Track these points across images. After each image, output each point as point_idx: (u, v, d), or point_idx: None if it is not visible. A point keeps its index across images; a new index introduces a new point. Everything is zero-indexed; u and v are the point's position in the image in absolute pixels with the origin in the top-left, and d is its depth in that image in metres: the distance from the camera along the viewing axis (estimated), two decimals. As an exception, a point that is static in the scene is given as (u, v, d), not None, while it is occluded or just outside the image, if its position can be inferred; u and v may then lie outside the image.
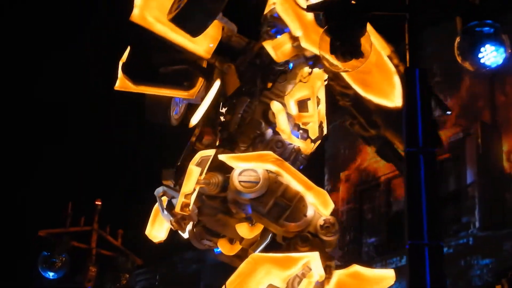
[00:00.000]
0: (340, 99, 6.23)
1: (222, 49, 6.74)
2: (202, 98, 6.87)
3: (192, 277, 26.40)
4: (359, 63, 5.05)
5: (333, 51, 4.96)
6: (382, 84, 5.83)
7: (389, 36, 5.88)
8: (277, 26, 6.44)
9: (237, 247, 6.62)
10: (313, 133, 6.66)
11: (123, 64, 6.75)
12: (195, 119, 6.60)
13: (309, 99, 6.66)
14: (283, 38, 6.23)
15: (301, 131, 6.56)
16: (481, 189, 17.86)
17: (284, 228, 6.02)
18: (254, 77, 6.58)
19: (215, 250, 6.75)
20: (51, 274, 14.55)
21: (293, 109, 6.61)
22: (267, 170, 6.02)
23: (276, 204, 6.00)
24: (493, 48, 4.81)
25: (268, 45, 6.36)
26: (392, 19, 5.11)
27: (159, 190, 6.36)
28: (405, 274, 3.91)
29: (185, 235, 6.58)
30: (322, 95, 6.74)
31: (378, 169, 18.13)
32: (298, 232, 6.00)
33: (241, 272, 5.79)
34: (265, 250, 6.32)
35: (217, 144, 6.43)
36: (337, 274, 5.96)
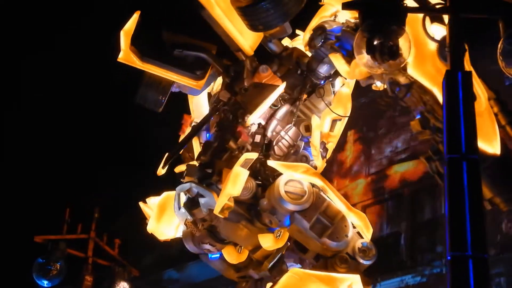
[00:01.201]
0: (430, 133, 5.78)
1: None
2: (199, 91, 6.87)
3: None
4: (397, 64, 4.90)
5: (370, 50, 4.80)
6: (488, 129, 5.47)
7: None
8: (343, 40, 6.19)
9: (243, 256, 6.49)
10: (329, 153, 6.76)
11: (133, 36, 6.45)
12: (253, 118, 6.28)
13: (340, 119, 6.73)
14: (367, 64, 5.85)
15: (321, 150, 6.54)
16: None
17: (325, 246, 5.92)
18: (294, 86, 6.51)
19: (210, 256, 6.63)
20: (45, 282, 14.44)
21: (326, 127, 6.67)
22: (311, 184, 5.93)
23: (318, 220, 5.92)
24: None
25: (337, 59, 6.19)
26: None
27: (185, 186, 6.09)
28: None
29: (172, 234, 6.58)
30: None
31: (354, 195, 18.10)
32: (337, 252, 5.92)
33: (286, 286, 5.67)
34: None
35: (249, 147, 6.25)
36: None
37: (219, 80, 6.97)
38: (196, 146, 6.76)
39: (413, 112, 5.87)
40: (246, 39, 6.48)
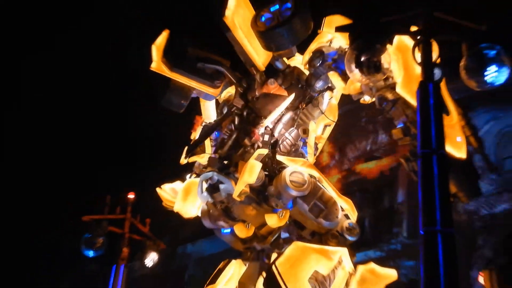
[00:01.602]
0: (410, 140, 5.81)
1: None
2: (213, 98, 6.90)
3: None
4: (380, 77, 4.94)
5: (358, 65, 4.85)
6: (455, 137, 5.50)
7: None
8: (338, 62, 6.28)
9: (250, 232, 6.52)
10: (318, 151, 6.86)
11: (164, 49, 6.51)
12: (267, 122, 6.35)
13: (330, 125, 6.81)
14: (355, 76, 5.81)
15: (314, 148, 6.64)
16: (409, 206, 19.69)
17: (320, 225, 5.94)
18: (296, 97, 6.54)
19: (222, 231, 6.64)
20: (91, 253, 14.51)
21: (319, 131, 6.76)
22: (311, 175, 5.95)
23: (315, 204, 5.93)
24: (496, 68, 4.69)
25: (334, 77, 6.31)
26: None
27: (208, 175, 6.12)
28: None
29: (195, 213, 6.50)
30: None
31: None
32: (329, 230, 5.96)
33: (291, 256, 5.62)
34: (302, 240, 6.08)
35: (259, 144, 6.26)
36: (360, 269, 5.87)
37: (229, 89, 6.99)
38: (207, 142, 6.81)
39: (395, 122, 5.89)
40: (260, 57, 6.51)
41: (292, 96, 6.45)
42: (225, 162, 6.24)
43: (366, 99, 6.29)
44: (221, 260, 6.55)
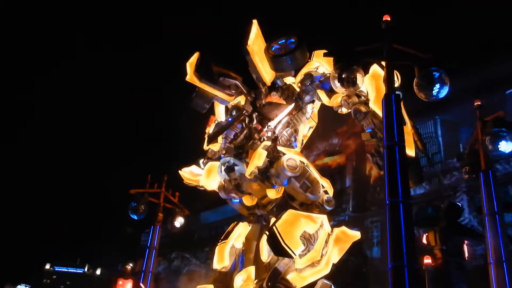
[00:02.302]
0: (376, 141, 5.67)
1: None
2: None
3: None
4: (355, 89, 4.85)
5: (340, 80, 4.76)
6: (411, 142, 5.32)
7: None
8: (324, 83, 6.20)
9: (254, 201, 6.39)
10: (302, 146, 6.70)
11: (196, 66, 6.41)
12: (273, 123, 6.29)
13: (312, 127, 6.72)
14: (337, 94, 5.97)
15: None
16: (354, 189, 20.99)
17: (307, 198, 5.84)
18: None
19: (233, 200, 6.46)
20: (135, 217, 14.37)
21: (306, 131, 6.66)
22: (301, 161, 5.86)
23: (304, 182, 5.84)
24: (439, 86, 4.61)
25: (321, 93, 6.27)
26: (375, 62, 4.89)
27: (226, 159, 6.09)
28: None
29: (215, 187, 6.36)
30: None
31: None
32: (314, 201, 5.86)
33: (287, 220, 5.53)
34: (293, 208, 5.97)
35: (265, 138, 6.15)
36: (335, 230, 5.78)
37: (238, 98, 6.82)
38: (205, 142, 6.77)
39: (364, 128, 5.82)
40: (267, 76, 6.46)
41: (292, 106, 6.41)
42: (239, 151, 6.17)
43: (344, 110, 6.21)
44: (219, 226, 6.44)
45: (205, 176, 6.50)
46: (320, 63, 6.39)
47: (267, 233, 5.52)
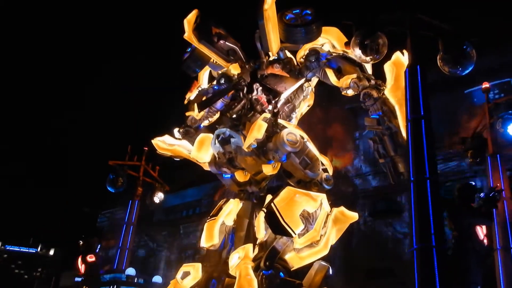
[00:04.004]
0: (382, 129, 5.62)
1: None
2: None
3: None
4: (378, 58, 4.61)
5: (361, 47, 4.50)
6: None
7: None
8: (331, 61, 6.04)
9: (247, 178, 6.18)
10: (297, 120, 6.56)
11: (194, 24, 6.11)
12: (283, 96, 6.06)
13: (310, 105, 6.61)
14: (346, 74, 5.80)
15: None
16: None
17: (306, 175, 5.64)
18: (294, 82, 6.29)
19: (224, 175, 6.24)
20: (113, 190, 14.00)
21: (303, 109, 6.52)
22: (301, 136, 5.66)
23: (303, 159, 5.64)
24: (464, 61, 4.42)
25: (330, 73, 6.03)
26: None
27: (222, 130, 5.80)
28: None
29: (208, 160, 6.11)
30: None
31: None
32: (312, 179, 5.67)
33: (286, 197, 5.36)
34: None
35: (267, 111, 5.92)
36: (334, 210, 5.62)
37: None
38: (195, 109, 6.52)
39: (370, 113, 5.70)
40: (275, 46, 6.16)
41: (303, 80, 6.20)
42: (236, 122, 5.88)
43: (349, 92, 5.99)
44: (178, 211, 6.20)
45: (197, 148, 6.21)
46: (327, 39, 6.20)
47: (265, 210, 5.32)
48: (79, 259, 13.83)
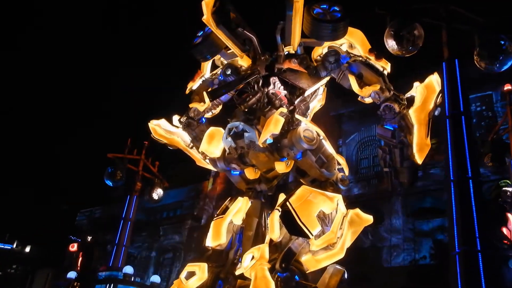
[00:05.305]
0: (393, 145, 5.67)
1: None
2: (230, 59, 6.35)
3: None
4: (413, 51, 4.44)
5: (396, 38, 4.32)
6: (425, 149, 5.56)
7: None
8: (352, 66, 6.00)
9: (257, 175, 6.01)
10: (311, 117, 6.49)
11: (213, 7, 5.84)
12: (308, 92, 5.99)
13: (322, 105, 6.47)
14: (368, 83, 5.84)
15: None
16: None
17: (322, 174, 5.49)
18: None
19: (233, 172, 6.10)
20: (111, 183, 13.76)
21: (318, 106, 6.43)
22: (318, 134, 5.51)
23: (319, 157, 5.50)
24: (504, 57, 4.23)
25: (352, 80, 5.95)
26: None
27: (235, 124, 5.61)
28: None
29: (218, 154, 5.94)
30: None
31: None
32: (328, 179, 5.52)
33: (302, 195, 5.17)
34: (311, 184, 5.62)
35: (284, 107, 5.77)
36: (350, 212, 5.43)
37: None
38: (205, 95, 6.32)
39: (384, 122, 5.71)
40: (297, 40, 5.97)
41: (327, 78, 6.08)
42: (250, 116, 5.68)
43: (367, 100, 5.96)
44: (158, 212, 5.98)
45: (206, 141, 6.02)
46: (348, 41, 6.05)
47: (280, 209, 5.12)
48: (80, 255, 13.65)
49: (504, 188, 8.22)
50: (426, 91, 5.64)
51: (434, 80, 5.74)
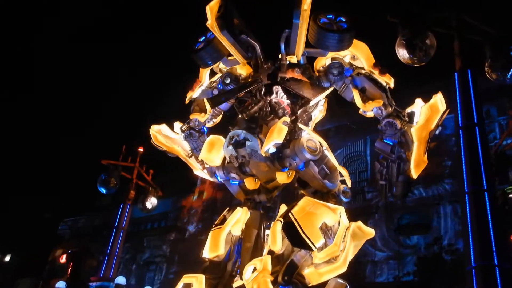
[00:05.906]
0: (391, 160, 5.71)
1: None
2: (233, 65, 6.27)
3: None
4: (425, 59, 4.38)
5: (408, 47, 4.28)
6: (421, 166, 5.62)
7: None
8: (356, 80, 5.95)
9: (257, 185, 5.89)
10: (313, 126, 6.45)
11: (217, 13, 5.75)
12: (313, 102, 5.93)
13: (323, 115, 6.44)
14: (371, 99, 5.82)
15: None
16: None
17: (324, 185, 5.42)
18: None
19: (232, 182, 5.97)
20: (104, 191, 13.58)
21: (319, 116, 6.39)
22: (321, 144, 5.46)
23: (322, 168, 5.44)
24: None
25: (356, 94, 5.91)
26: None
27: (237, 132, 5.52)
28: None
29: (218, 163, 5.85)
30: None
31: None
32: (330, 190, 5.47)
33: (305, 207, 5.06)
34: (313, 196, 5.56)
35: (287, 116, 5.73)
36: (352, 224, 5.35)
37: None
38: (207, 104, 6.23)
39: (383, 136, 5.72)
40: (301, 49, 5.91)
41: (331, 89, 6.01)
42: (252, 124, 5.59)
43: (368, 114, 5.94)
44: (142, 222, 5.84)
45: (207, 149, 5.92)
46: (352, 53, 6.01)
47: (282, 220, 5.01)
48: (71, 264, 13.39)
49: (511, 195, 8.21)
50: (430, 111, 5.67)
51: (439, 100, 5.76)
